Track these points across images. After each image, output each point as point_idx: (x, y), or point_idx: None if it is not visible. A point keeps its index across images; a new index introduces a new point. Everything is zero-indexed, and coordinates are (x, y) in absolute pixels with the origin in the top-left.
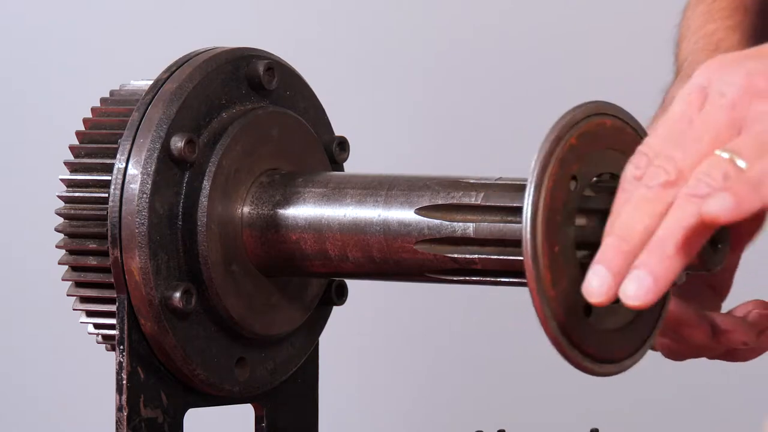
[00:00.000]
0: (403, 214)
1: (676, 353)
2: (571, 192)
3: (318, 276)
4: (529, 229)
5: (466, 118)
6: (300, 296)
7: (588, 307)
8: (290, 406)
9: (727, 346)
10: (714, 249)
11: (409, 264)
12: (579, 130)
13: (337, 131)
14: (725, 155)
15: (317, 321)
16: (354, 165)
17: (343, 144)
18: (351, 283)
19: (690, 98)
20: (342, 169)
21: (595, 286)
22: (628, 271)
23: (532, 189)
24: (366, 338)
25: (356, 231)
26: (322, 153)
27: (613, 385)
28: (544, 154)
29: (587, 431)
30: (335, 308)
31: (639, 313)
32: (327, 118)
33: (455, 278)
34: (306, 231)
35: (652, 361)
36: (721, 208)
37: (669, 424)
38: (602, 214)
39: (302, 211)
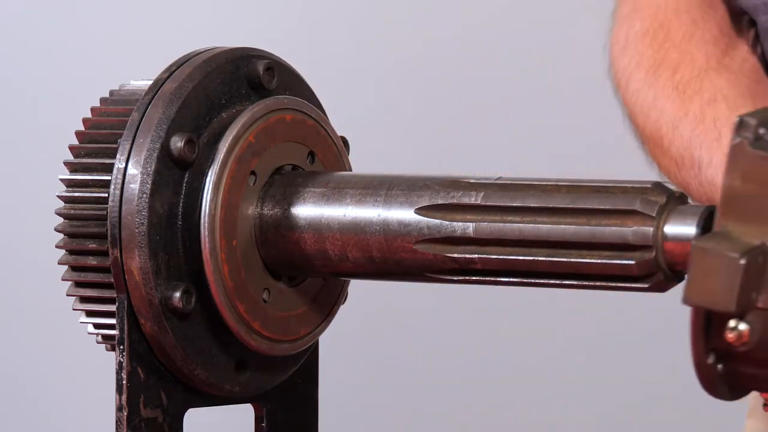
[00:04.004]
0: (403, 214)
1: None
2: (250, 187)
3: (318, 276)
4: (207, 226)
5: (466, 118)
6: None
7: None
8: (290, 406)
9: None
10: None
11: (408, 264)
12: (257, 127)
13: (337, 131)
14: None
15: None
16: (354, 165)
17: (343, 144)
18: (351, 283)
19: None
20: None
21: None
22: None
23: (210, 188)
24: (366, 338)
25: (356, 231)
26: None
27: (613, 385)
28: (222, 156)
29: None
30: None
31: (314, 300)
32: (327, 118)
33: (455, 278)
34: (305, 231)
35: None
36: None
37: (668, 424)
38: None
39: (302, 211)
